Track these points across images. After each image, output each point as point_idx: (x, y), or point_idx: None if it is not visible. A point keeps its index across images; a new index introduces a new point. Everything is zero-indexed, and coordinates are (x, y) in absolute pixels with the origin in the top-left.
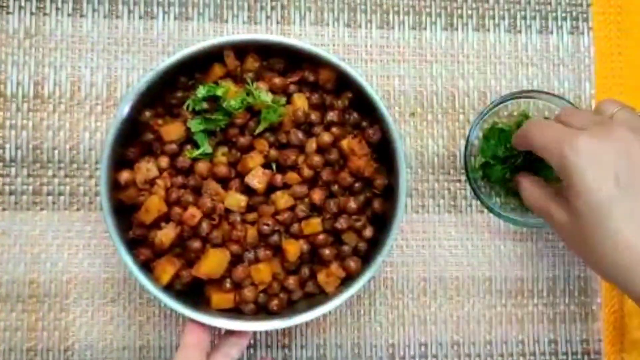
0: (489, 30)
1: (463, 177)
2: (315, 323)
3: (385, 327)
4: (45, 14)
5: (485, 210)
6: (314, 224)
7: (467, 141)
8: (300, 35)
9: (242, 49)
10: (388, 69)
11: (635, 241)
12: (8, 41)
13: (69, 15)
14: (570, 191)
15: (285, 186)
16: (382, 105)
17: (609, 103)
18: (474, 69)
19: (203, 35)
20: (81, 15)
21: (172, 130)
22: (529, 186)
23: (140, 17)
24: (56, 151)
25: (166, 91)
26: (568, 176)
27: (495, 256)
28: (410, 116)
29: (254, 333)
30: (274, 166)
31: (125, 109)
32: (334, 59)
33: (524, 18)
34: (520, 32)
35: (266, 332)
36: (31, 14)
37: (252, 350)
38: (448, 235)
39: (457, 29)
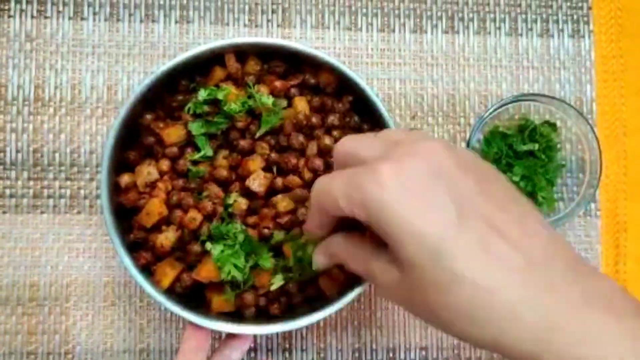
0: (489, 33)
1: None
2: (315, 327)
3: (385, 331)
4: (46, 17)
5: None
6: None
7: (468, 145)
8: (301, 39)
9: (243, 52)
10: (389, 72)
11: (488, 276)
12: (9, 44)
13: (70, 18)
14: (392, 242)
15: (286, 189)
16: (383, 108)
17: (391, 131)
18: (474, 72)
19: (204, 39)
20: (82, 19)
21: (173, 133)
22: (343, 248)
23: (141, 21)
24: (57, 154)
25: (167, 94)
26: (383, 224)
27: None
28: (411, 119)
29: (255, 337)
30: (274, 169)
31: (126, 112)
32: (334, 62)
33: (525, 21)
34: (521, 35)
35: (267, 335)
36: (32, 17)
37: (252, 354)
38: None
39: (458, 32)
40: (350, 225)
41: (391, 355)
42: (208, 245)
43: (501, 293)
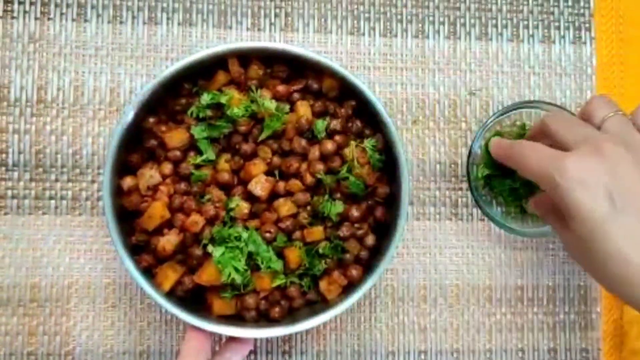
0: (491, 39)
1: (464, 185)
2: (315, 330)
3: (385, 334)
4: (49, 19)
5: (486, 219)
6: (317, 232)
7: (470, 150)
8: (303, 43)
9: (246, 57)
10: (391, 76)
11: (635, 256)
12: (12, 45)
13: (73, 20)
14: (566, 213)
15: (288, 193)
16: (385, 113)
17: (598, 106)
18: (476, 77)
19: (206, 42)
20: (85, 20)
21: (175, 137)
22: (537, 201)
23: (144, 23)
24: (59, 156)
25: (169, 98)
26: (560, 200)
27: (495, 264)
28: (413, 124)
29: (255, 340)
30: (276, 173)
31: (129, 115)
32: (337, 67)
33: (527, 27)
34: (522, 41)
35: (267, 338)
36: (35, 18)
37: (252, 357)
38: (449, 242)
39: (459, 38)
40: None
41: (390, 358)
42: (209, 248)
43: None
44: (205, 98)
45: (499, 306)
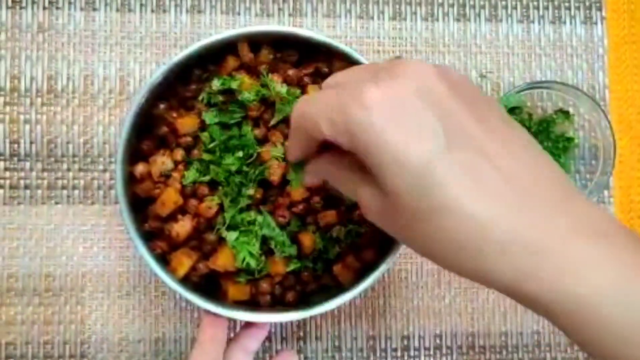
0: (501, 20)
1: None
2: (330, 315)
3: (399, 319)
4: (57, 8)
5: None
6: (330, 216)
7: None
8: (312, 27)
9: (256, 41)
10: None
11: (480, 208)
12: (21, 36)
13: (81, 9)
14: (376, 169)
15: None
16: None
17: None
18: (486, 60)
19: (215, 29)
20: (94, 9)
21: (187, 123)
22: (332, 170)
23: (152, 11)
24: (70, 145)
25: (180, 84)
26: (365, 147)
27: None
28: None
29: (270, 326)
30: None
31: (140, 102)
32: (348, 50)
33: (537, 8)
34: (532, 22)
35: (281, 324)
36: (44, 8)
37: (267, 343)
38: None
39: (469, 20)
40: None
41: (405, 343)
42: (224, 233)
43: (489, 224)
44: (216, 83)
45: None
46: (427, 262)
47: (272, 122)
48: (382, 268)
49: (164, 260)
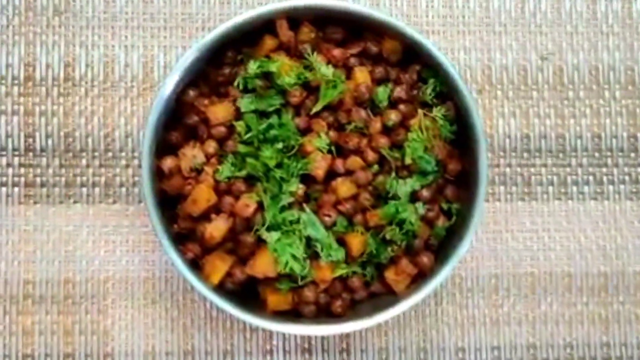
0: None
1: (538, 161)
2: (376, 325)
3: (453, 329)
4: None
5: (564, 198)
6: (381, 215)
7: None
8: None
9: (295, 18)
10: (452, 41)
11: None
12: (36, 20)
13: None
14: None
15: (347, 172)
16: (458, 77)
17: None
18: (547, 40)
19: (246, 8)
20: None
21: (219, 111)
22: None
23: None
24: (89, 139)
25: (211, 68)
26: None
27: (575, 249)
28: (477, 94)
29: (309, 337)
30: (334, 150)
31: (168, 88)
32: (402, 25)
33: None
34: None
35: (322, 336)
36: None
37: (307, 355)
38: (522, 226)
39: None
40: None
41: (460, 355)
42: (263, 234)
43: None
44: (252, 66)
45: (580, 295)
46: (483, 266)
47: (315, 109)
48: (443, 274)
49: (195, 265)
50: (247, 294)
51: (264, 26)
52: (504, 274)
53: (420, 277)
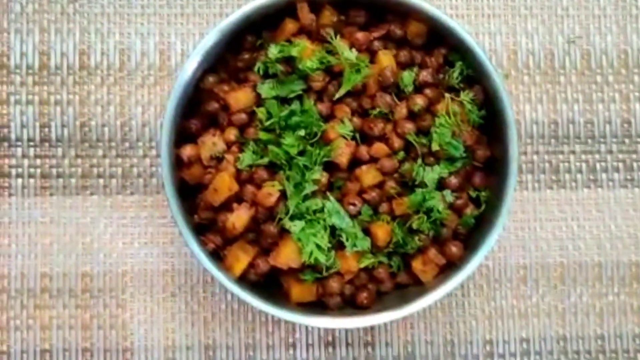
0: None
1: (566, 148)
2: (402, 318)
3: (481, 321)
4: None
5: (593, 185)
6: (407, 203)
7: None
8: None
9: (316, 1)
10: (476, 25)
11: None
12: (50, 7)
13: None
14: None
15: (372, 159)
16: (487, 60)
17: None
18: (574, 23)
19: None
20: None
21: (240, 98)
22: None
23: None
24: (106, 128)
25: (230, 53)
26: None
27: (605, 238)
28: (504, 79)
29: (332, 330)
30: (357, 136)
31: (187, 73)
32: (427, 7)
33: None
34: None
35: (346, 329)
36: None
37: (330, 349)
38: (550, 215)
39: None
40: None
41: (488, 348)
42: (287, 223)
43: None
44: (273, 51)
45: (610, 286)
46: (511, 256)
47: (338, 95)
48: (473, 264)
49: (217, 256)
50: (269, 285)
51: (284, 9)
52: (532, 264)
53: (448, 268)
